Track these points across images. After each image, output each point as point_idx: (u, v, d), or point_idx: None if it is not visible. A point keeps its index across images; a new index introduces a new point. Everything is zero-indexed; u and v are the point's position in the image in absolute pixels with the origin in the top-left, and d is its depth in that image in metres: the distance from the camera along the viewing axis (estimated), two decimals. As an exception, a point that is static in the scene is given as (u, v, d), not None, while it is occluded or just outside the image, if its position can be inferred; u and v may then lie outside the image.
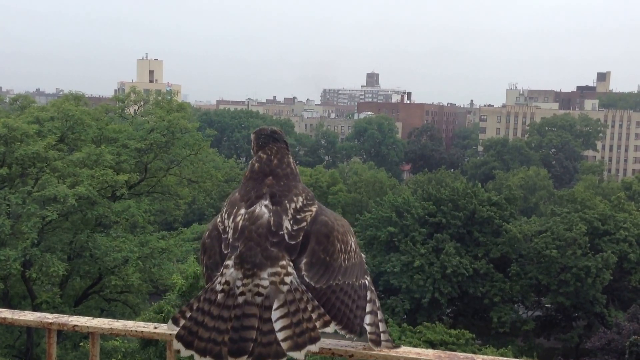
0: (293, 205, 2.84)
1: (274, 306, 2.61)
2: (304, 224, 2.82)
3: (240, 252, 2.70)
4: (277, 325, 2.58)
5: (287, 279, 2.68)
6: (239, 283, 2.64)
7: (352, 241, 2.95)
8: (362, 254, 3.09)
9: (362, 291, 2.91)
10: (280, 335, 2.56)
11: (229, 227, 2.81)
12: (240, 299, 2.62)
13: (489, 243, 47.47)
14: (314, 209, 2.90)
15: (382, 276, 46.37)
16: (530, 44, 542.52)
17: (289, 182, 2.92)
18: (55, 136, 29.81)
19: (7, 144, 27.88)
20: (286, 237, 2.75)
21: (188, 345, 2.59)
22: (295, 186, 2.93)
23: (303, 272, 2.72)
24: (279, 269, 2.67)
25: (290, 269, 2.70)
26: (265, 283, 2.65)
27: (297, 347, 2.55)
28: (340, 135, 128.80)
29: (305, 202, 2.89)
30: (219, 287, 2.68)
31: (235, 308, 2.61)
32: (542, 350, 46.87)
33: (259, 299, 2.63)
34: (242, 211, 2.82)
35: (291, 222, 2.79)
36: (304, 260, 2.75)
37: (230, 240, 2.77)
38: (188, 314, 2.68)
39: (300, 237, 2.78)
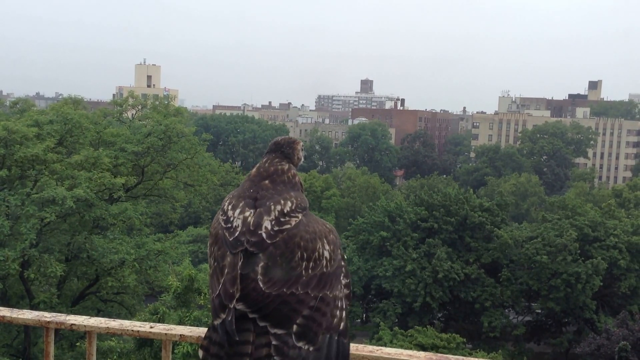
0: (279, 207, 2.89)
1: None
2: (287, 226, 2.85)
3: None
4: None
5: None
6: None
7: (326, 249, 2.91)
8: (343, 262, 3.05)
9: (332, 303, 2.87)
10: (264, 352, 2.72)
11: (235, 217, 2.88)
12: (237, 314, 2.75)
13: (480, 248, 47.78)
14: (300, 216, 2.92)
15: (374, 280, 46.70)
16: (522, 52, 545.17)
17: (285, 187, 3.02)
18: (54, 139, 29.96)
19: (7, 147, 28.02)
20: (264, 236, 2.80)
21: None
22: (287, 192, 2.99)
23: (259, 276, 2.74)
24: None
25: None
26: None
27: None
28: (334, 140, 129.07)
29: (294, 207, 2.92)
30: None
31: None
32: (532, 355, 47.22)
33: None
34: (246, 207, 2.90)
35: (272, 222, 2.84)
36: (261, 264, 2.76)
37: (238, 233, 2.83)
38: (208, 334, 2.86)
39: (278, 239, 2.81)
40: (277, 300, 2.73)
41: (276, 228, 2.82)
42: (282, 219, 2.86)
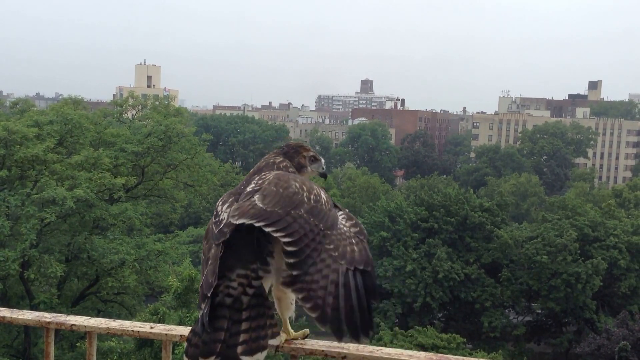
0: (257, 177, 2.96)
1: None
2: (269, 176, 2.90)
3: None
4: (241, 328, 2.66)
5: (255, 283, 2.72)
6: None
7: (322, 192, 2.85)
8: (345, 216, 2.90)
9: (332, 240, 2.69)
10: (240, 338, 2.63)
11: (222, 211, 2.88)
12: (215, 300, 2.68)
13: (480, 248, 47.79)
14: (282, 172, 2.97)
15: (375, 280, 46.64)
16: (522, 52, 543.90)
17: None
18: (54, 139, 30.02)
19: (7, 147, 28.08)
20: (249, 189, 2.87)
21: (185, 354, 2.71)
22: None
23: (257, 202, 2.71)
24: (248, 272, 2.72)
25: (260, 272, 2.74)
26: (235, 284, 2.70)
27: (250, 352, 2.61)
28: (335, 140, 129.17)
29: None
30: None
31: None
32: (532, 355, 47.24)
33: (228, 300, 2.69)
34: (234, 202, 2.90)
35: (253, 185, 2.89)
36: (257, 195, 2.76)
37: (222, 225, 2.81)
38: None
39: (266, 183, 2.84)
40: (282, 214, 2.65)
41: (260, 181, 2.85)
42: (259, 180, 2.90)
